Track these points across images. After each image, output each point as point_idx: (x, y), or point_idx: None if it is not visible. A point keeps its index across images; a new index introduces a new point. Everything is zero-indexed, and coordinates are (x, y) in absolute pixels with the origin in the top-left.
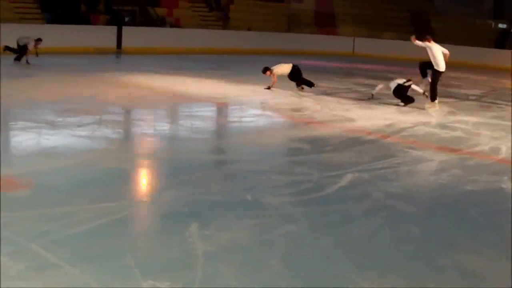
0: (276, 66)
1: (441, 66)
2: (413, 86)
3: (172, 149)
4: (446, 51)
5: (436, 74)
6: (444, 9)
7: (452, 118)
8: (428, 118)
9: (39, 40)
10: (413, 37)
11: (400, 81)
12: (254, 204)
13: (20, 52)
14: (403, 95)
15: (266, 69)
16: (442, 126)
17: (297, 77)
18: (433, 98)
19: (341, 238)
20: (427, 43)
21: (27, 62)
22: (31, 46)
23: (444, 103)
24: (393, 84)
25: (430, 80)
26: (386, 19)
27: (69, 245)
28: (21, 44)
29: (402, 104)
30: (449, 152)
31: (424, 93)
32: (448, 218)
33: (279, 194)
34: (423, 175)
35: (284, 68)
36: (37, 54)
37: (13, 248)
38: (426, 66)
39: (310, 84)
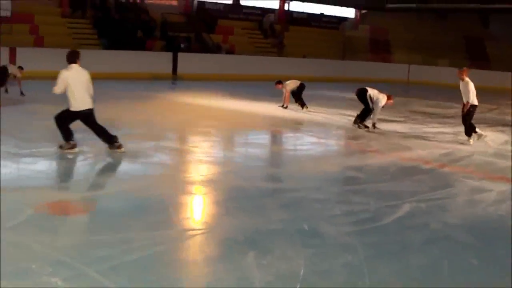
0: (289, 81)
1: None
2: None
3: (228, 176)
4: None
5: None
6: (500, 34)
7: (510, 147)
8: (485, 147)
9: (20, 68)
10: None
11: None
12: (311, 233)
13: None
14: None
15: (279, 82)
16: (500, 155)
17: (298, 95)
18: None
19: (399, 268)
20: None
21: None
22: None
23: (502, 132)
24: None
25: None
26: (441, 46)
27: (126, 271)
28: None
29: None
30: (508, 182)
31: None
32: (507, 250)
33: (336, 224)
34: (482, 206)
35: (293, 84)
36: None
37: (70, 272)
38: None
39: (303, 105)
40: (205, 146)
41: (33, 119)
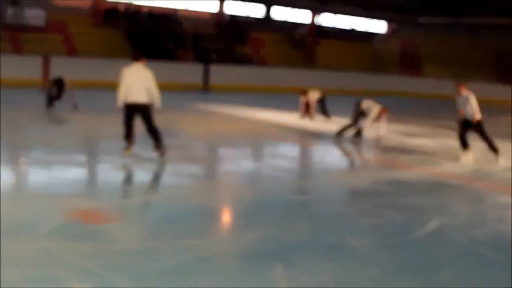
0: (312, 91)
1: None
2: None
3: (257, 187)
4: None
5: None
6: None
7: None
8: None
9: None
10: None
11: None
12: (338, 246)
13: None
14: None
15: (303, 92)
16: None
17: (321, 106)
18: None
19: (425, 283)
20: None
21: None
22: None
23: None
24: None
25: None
26: (472, 61)
27: (154, 280)
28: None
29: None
30: None
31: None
32: None
33: (363, 237)
34: (510, 222)
35: (317, 94)
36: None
37: (98, 280)
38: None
39: (327, 116)
40: (234, 157)
41: (65, 127)
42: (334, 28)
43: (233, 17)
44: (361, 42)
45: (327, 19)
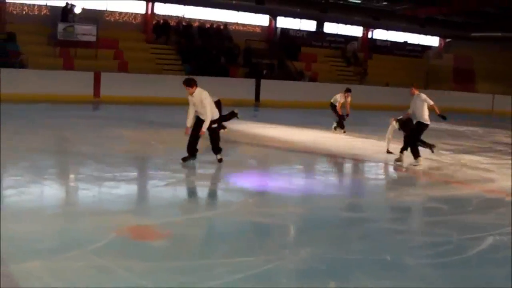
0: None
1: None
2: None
3: (309, 205)
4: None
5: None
6: None
7: None
8: None
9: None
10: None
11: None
12: (392, 265)
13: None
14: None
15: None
16: None
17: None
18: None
19: None
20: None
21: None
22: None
23: None
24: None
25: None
26: None
27: None
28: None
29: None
30: None
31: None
32: None
33: (418, 255)
34: None
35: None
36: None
37: None
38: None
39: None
40: (286, 173)
41: (117, 144)
42: (386, 42)
43: (284, 31)
44: (413, 57)
45: (379, 33)
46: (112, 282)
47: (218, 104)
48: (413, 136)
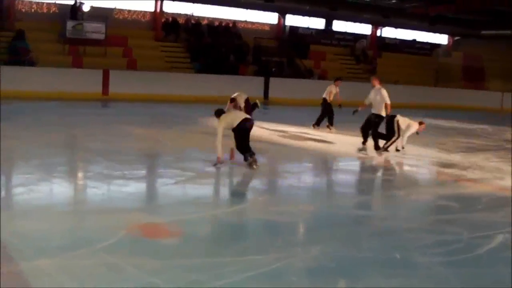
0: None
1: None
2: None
3: (319, 203)
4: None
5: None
6: None
7: None
8: None
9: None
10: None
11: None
12: (403, 263)
13: None
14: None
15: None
16: None
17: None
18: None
19: None
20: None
21: None
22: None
23: None
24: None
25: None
26: None
27: None
28: None
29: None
30: None
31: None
32: None
33: (428, 254)
34: None
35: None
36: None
37: None
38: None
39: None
40: (296, 171)
41: (126, 141)
42: (395, 39)
43: (293, 29)
44: (422, 55)
45: (388, 31)
46: (122, 280)
47: (247, 101)
48: (374, 128)
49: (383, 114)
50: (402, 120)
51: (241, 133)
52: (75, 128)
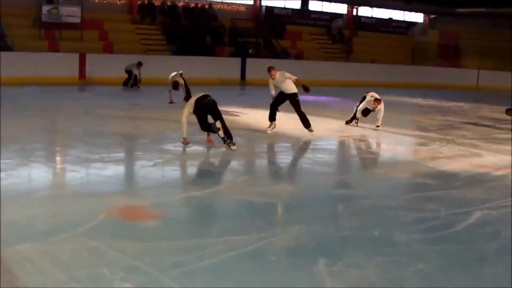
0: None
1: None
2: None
3: (298, 183)
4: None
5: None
6: None
7: None
8: None
9: (139, 64)
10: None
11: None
12: (382, 241)
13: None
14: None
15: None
16: None
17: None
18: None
19: (475, 278)
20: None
21: (131, 87)
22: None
23: None
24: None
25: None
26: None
27: (199, 277)
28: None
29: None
30: None
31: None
32: None
33: (408, 231)
34: None
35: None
36: (139, 80)
37: (144, 278)
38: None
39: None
40: (274, 151)
41: (104, 125)
42: (371, 19)
43: (269, 10)
44: (398, 33)
45: (364, 11)
46: (104, 264)
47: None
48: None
49: (296, 90)
50: (369, 97)
51: (199, 110)
52: (53, 113)
